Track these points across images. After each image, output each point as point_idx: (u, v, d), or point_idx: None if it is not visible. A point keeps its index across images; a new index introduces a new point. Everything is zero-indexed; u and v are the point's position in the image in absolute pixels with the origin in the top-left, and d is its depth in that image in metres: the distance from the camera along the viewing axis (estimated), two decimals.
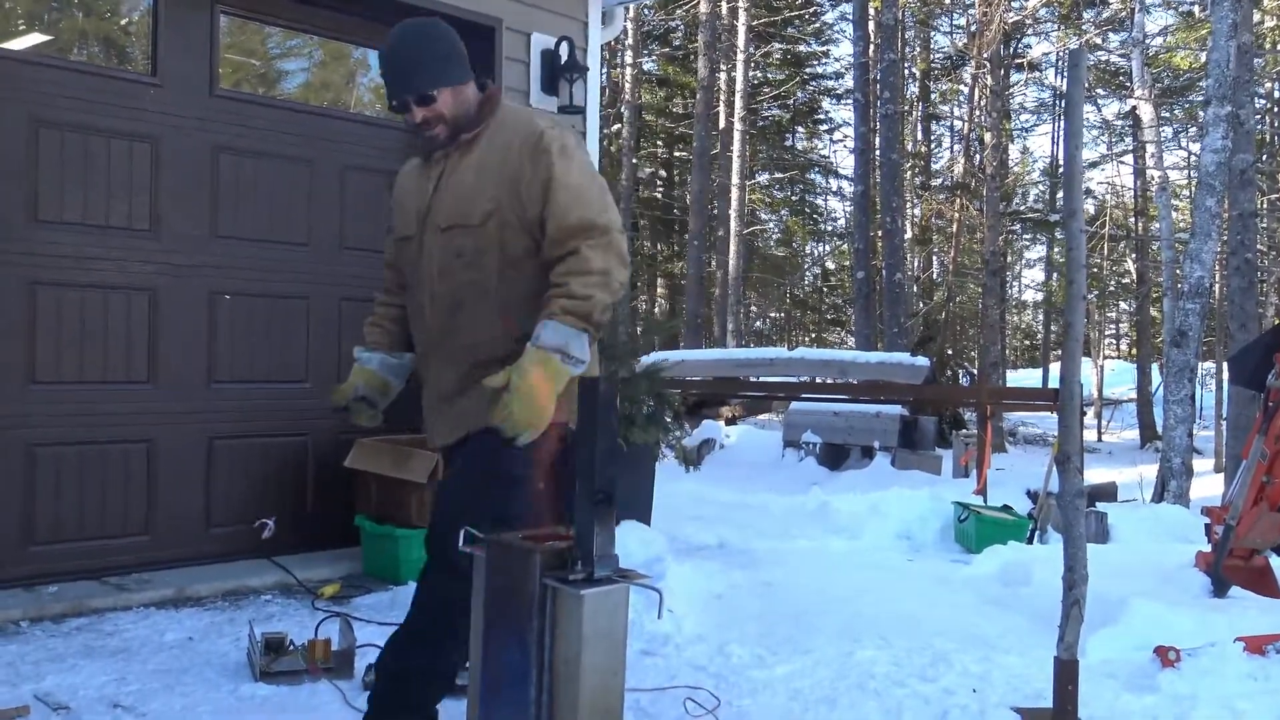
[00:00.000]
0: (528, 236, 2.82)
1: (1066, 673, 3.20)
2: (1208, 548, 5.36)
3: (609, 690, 2.40)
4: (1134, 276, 25.10)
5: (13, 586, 4.51)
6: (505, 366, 2.62)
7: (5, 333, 4.63)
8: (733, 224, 22.88)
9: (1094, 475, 11.53)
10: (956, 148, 27.60)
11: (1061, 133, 24.53)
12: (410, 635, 2.95)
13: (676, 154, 30.02)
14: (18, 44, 4.86)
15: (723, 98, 24.60)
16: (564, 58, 6.13)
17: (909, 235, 24.55)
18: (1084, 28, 23.30)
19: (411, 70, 2.89)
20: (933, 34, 28.19)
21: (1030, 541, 7.06)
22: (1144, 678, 3.93)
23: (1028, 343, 38.36)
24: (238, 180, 5.33)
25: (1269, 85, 25.36)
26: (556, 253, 2.73)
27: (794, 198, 32.84)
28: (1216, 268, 14.48)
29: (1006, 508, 7.90)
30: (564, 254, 2.71)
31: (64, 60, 4.92)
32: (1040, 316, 32.73)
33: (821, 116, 32.01)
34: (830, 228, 34.14)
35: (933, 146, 30.08)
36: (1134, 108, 19.22)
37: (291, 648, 3.74)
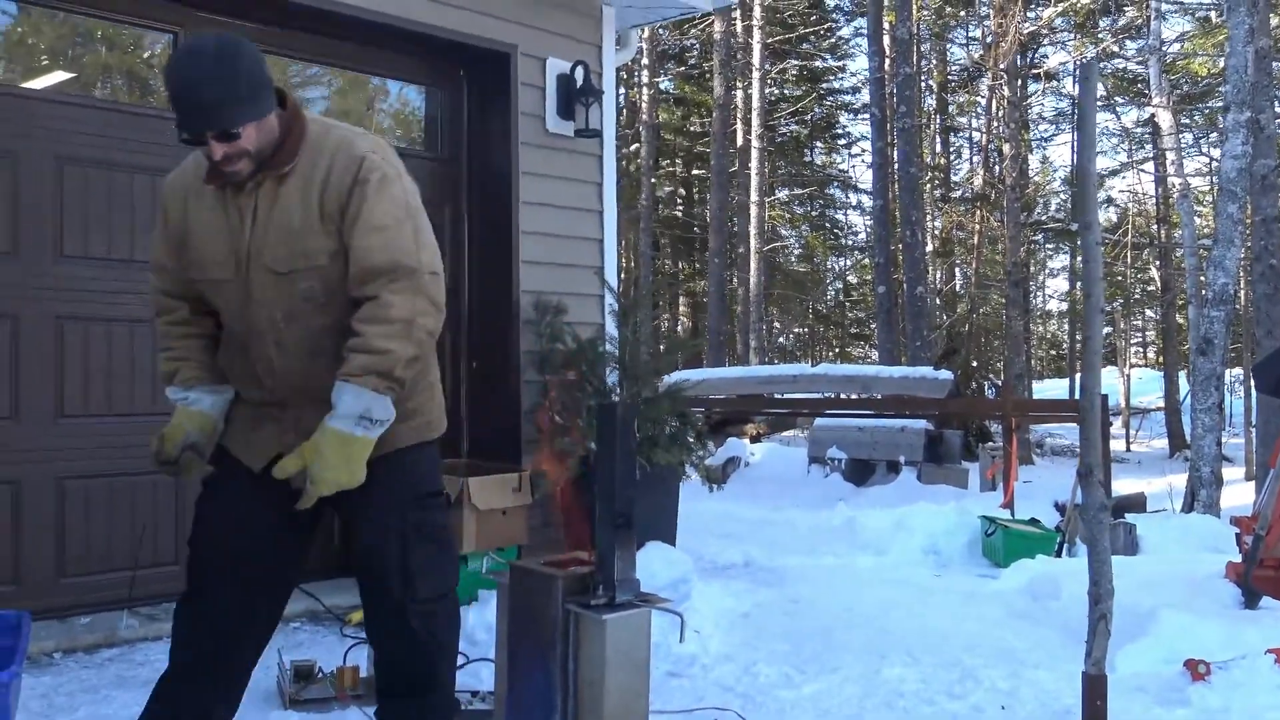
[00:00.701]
0: None
1: (1095, 688, 3.18)
2: (1238, 558, 5.32)
3: (633, 713, 2.42)
4: (1158, 284, 24.95)
5: (47, 618, 4.55)
6: None
7: (37, 366, 4.69)
8: (753, 241, 22.90)
9: (1122, 486, 11.47)
10: (975, 159, 27.59)
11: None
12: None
13: (695, 172, 30.07)
14: (42, 82, 4.94)
15: (739, 115, 24.65)
16: (579, 82, 6.17)
17: (930, 248, 24.50)
18: (1100, 36, 23.24)
19: (212, 105, 2.47)
20: (948, 46, 28.18)
21: (1058, 554, 7.03)
22: (1174, 691, 3.90)
23: (1053, 353, 38.15)
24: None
25: None
26: (357, 295, 2.56)
27: (814, 213, 32.84)
28: (1241, 274, 14.39)
29: (1034, 521, 7.86)
30: (365, 298, 2.54)
31: (87, 97, 5.00)
32: (1065, 326, 32.58)
33: (839, 131, 32.02)
34: (851, 242, 34.09)
35: (952, 158, 30.03)
36: (1153, 115, 19.15)
37: (320, 675, 3.76)
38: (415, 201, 2.66)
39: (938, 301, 23.65)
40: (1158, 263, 24.51)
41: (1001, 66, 20.00)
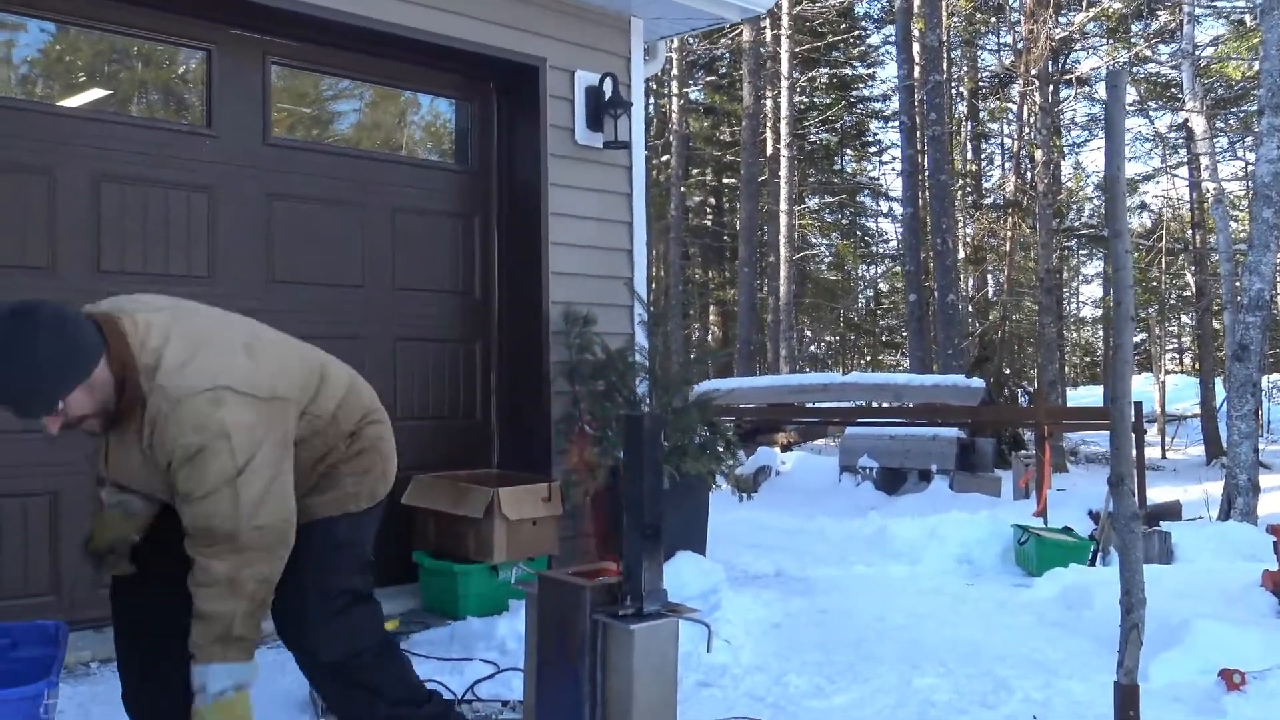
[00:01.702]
0: None
1: (1127, 699, 3.16)
2: (1275, 566, 5.26)
3: None
4: (1193, 290, 24.70)
5: (84, 628, 4.60)
6: (315, 489, 2.84)
7: None
8: (783, 249, 22.86)
9: (1158, 494, 11.33)
10: (1007, 166, 27.40)
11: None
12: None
13: (725, 181, 30.06)
14: (78, 99, 5.02)
15: (769, 124, 24.62)
16: (608, 94, 6.19)
17: (961, 255, 24.36)
18: (1133, 40, 23.06)
19: (15, 401, 2.47)
20: (979, 53, 28.04)
21: (1092, 563, 6.96)
22: (1209, 701, 3.87)
23: (1088, 359, 37.80)
24: (292, 225, 5.44)
25: None
26: (188, 552, 2.61)
27: (844, 221, 32.72)
28: (1277, 280, 14.22)
29: (1067, 529, 7.79)
30: (192, 558, 2.59)
31: (124, 115, 5.08)
32: (1100, 332, 32.30)
33: (869, 139, 31.91)
34: (881, 250, 33.94)
35: (983, 165, 29.86)
36: (1186, 119, 18.98)
37: None
38: (241, 454, 2.54)
39: (969, 309, 23.52)
40: (1193, 268, 24.24)
41: (1033, 72, 19.87)
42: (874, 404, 15.14)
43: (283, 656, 4.50)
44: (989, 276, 27.08)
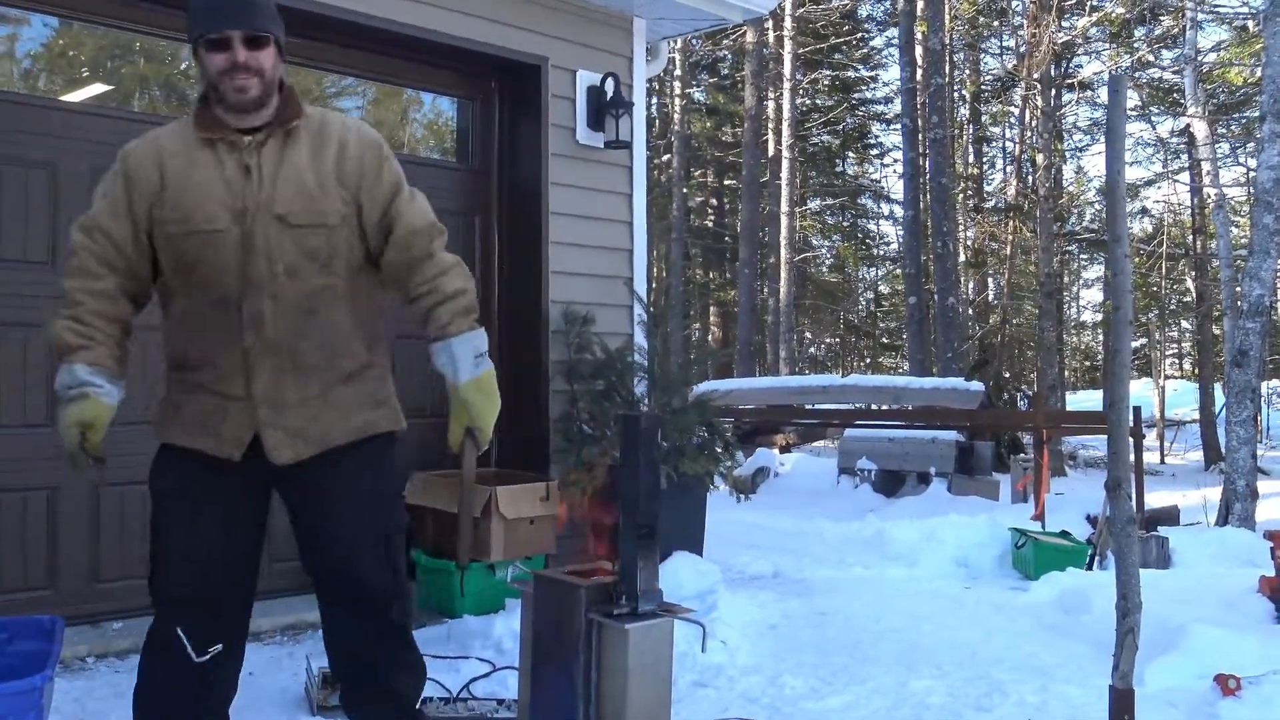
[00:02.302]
0: (364, 245, 2.77)
1: (1122, 703, 3.15)
2: (1272, 572, 5.26)
3: None
4: (1194, 295, 24.70)
5: (80, 623, 4.60)
6: (362, 378, 2.76)
7: None
8: (783, 251, 22.86)
9: (1156, 498, 11.34)
10: (1008, 169, 27.41)
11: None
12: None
13: (726, 182, 30.07)
14: (81, 94, 5.02)
15: (771, 125, 24.63)
16: (610, 94, 6.19)
17: (962, 259, 24.36)
18: (1135, 45, 23.06)
19: (257, 2, 2.59)
20: (981, 56, 28.03)
21: (1090, 567, 6.97)
22: (1205, 706, 3.86)
23: (1088, 363, 37.81)
24: None
25: None
26: (404, 256, 2.74)
27: (845, 223, 32.74)
28: (1277, 286, 14.22)
29: (1065, 533, 7.80)
30: (419, 257, 2.74)
31: (125, 109, 5.07)
32: (1100, 337, 32.30)
33: (871, 141, 31.91)
34: (882, 252, 33.94)
35: (984, 169, 29.85)
36: (1188, 125, 18.99)
37: None
38: None
39: (970, 312, 23.52)
40: (1193, 273, 24.25)
41: (1035, 76, 19.87)
42: (873, 406, 15.13)
43: (279, 653, 4.53)
44: (989, 280, 27.09)
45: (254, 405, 2.63)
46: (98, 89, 5.09)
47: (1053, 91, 20.84)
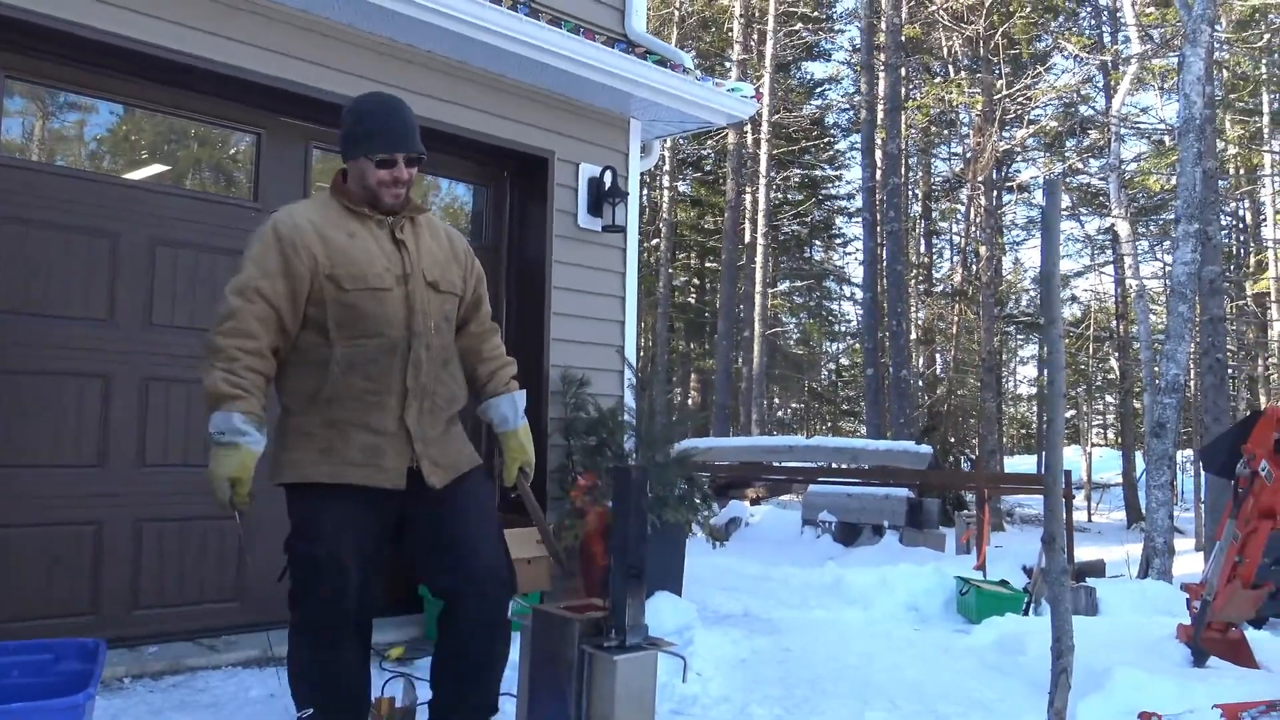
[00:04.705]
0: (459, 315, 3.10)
1: None
2: (1188, 621, 5.23)
3: None
4: (1117, 373, 24.82)
5: (119, 646, 4.53)
6: (458, 421, 3.04)
7: (122, 421, 4.72)
8: (757, 326, 22.94)
9: (1084, 553, 11.31)
10: (955, 259, 27.62)
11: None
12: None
13: (708, 265, 30.23)
14: (141, 173, 5.05)
15: (748, 215, 24.84)
16: (608, 184, 6.25)
17: (914, 336, 24.46)
18: (1067, 154, 23.43)
19: (413, 131, 2.94)
20: (933, 160, 28.44)
21: (1026, 613, 6.91)
22: None
23: (1024, 431, 37.80)
24: None
25: (1233, 205, 25.34)
26: (482, 329, 3.15)
27: (811, 303, 32.89)
28: (1190, 366, 14.32)
29: (1004, 582, 7.74)
30: (490, 330, 3.18)
31: (179, 187, 5.10)
32: (1034, 408, 32.34)
33: (836, 232, 32.16)
34: (843, 329, 34.09)
35: (934, 257, 30.10)
36: (1113, 225, 19.22)
37: None
38: None
39: (920, 383, 23.56)
40: (1116, 354, 24.40)
41: (979, 179, 20.16)
42: (834, 465, 15.09)
43: (263, 675, 4.44)
44: (937, 355, 27.19)
45: (408, 440, 2.85)
46: (156, 168, 5.11)
47: (995, 192, 21.13)
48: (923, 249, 28.59)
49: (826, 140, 28.68)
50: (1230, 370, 18.08)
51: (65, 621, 4.44)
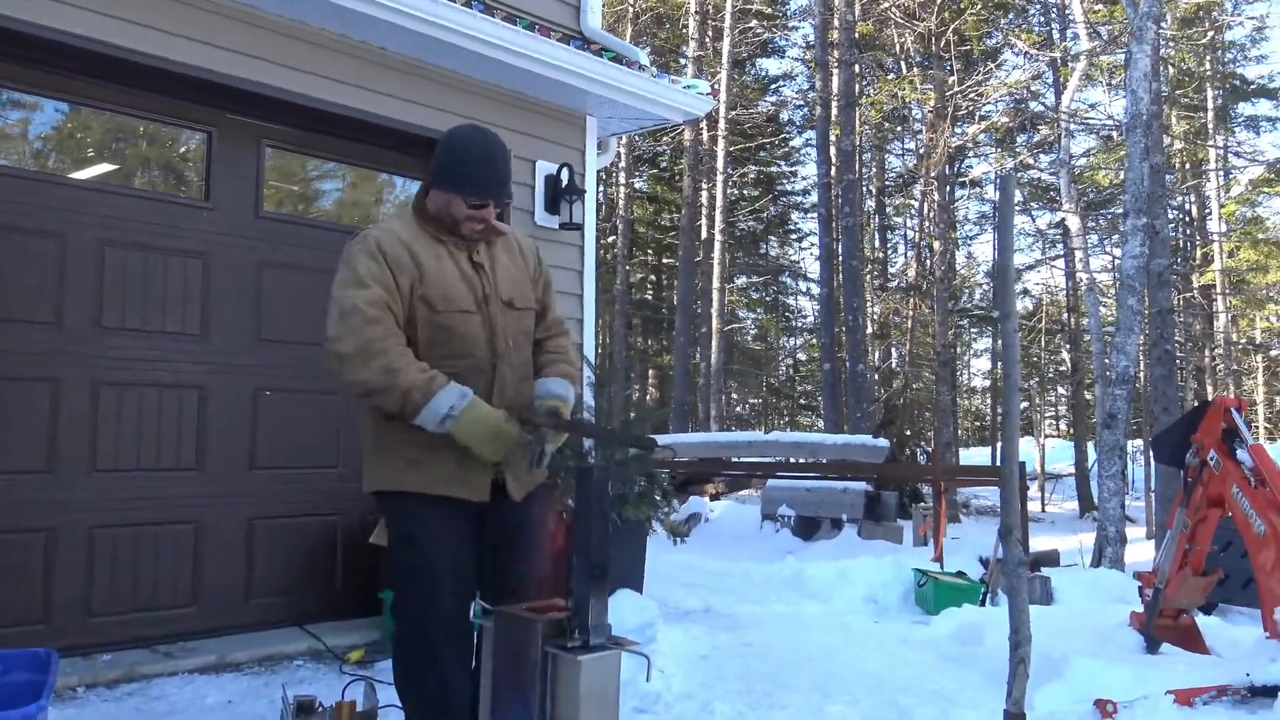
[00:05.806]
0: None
1: None
2: (1141, 608, 5.32)
3: None
4: (1069, 365, 25.21)
5: (73, 655, 4.44)
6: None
7: (72, 427, 4.63)
8: (714, 322, 23.01)
9: (1039, 543, 11.46)
10: (909, 254, 27.91)
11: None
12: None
13: (665, 261, 30.27)
14: (88, 172, 4.95)
15: (705, 212, 24.90)
16: (564, 182, 6.23)
17: (869, 331, 24.67)
18: (1018, 150, 23.75)
19: (508, 179, 3.00)
20: (887, 156, 28.69)
21: (983, 604, 7.00)
22: None
23: (978, 424, 38.24)
24: (279, 290, 5.37)
25: (1180, 199, 25.83)
26: (552, 333, 3.18)
27: (768, 298, 33.07)
28: (1140, 358, 14.56)
29: (961, 574, 7.84)
30: (559, 334, 3.21)
31: (127, 187, 5.00)
32: (988, 401, 32.75)
33: (792, 227, 32.34)
34: (801, 324, 34.30)
35: (889, 253, 30.36)
36: (1063, 219, 19.51)
37: (320, 709, 3.67)
38: None
39: (876, 378, 23.75)
40: (1068, 346, 24.78)
41: (932, 175, 20.36)
42: (792, 459, 15.19)
43: (256, 683, 4.39)
44: (893, 350, 27.45)
45: (486, 464, 2.90)
46: (104, 167, 5.01)
47: (947, 188, 21.36)
48: (877, 244, 28.84)
49: (782, 137, 28.82)
50: (1178, 361, 18.42)
51: (16, 631, 4.35)
